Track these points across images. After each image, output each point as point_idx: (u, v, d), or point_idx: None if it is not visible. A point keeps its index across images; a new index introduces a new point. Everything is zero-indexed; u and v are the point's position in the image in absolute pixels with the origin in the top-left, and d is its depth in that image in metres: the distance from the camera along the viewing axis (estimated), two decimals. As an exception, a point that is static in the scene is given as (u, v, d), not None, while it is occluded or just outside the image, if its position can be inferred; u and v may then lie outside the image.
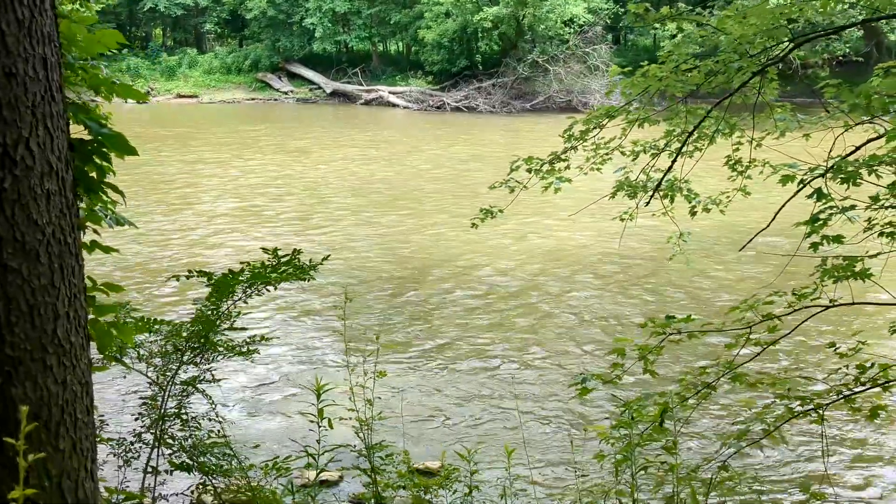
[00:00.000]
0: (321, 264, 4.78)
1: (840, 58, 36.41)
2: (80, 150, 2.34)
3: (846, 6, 5.50)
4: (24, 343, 2.04)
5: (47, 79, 2.11)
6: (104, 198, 2.54)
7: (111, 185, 2.53)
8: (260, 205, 17.46)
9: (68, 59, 2.49)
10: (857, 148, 4.57)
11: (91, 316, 2.51)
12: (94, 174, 2.40)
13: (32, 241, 2.06)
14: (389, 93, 42.52)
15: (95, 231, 2.60)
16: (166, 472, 4.46)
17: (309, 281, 4.70)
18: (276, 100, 45.51)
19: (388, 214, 16.45)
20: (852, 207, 4.35)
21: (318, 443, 4.13)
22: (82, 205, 2.75)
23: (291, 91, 46.23)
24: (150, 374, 4.54)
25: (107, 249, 2.72)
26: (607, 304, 10.78)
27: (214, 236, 14.67)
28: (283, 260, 4.60)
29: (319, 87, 45.90)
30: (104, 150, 2.42)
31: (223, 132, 31.21)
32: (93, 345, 2.46)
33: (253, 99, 45.60)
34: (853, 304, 4.52)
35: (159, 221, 15.60)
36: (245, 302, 4.73)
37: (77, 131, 2.37)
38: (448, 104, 39.97)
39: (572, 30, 39.57)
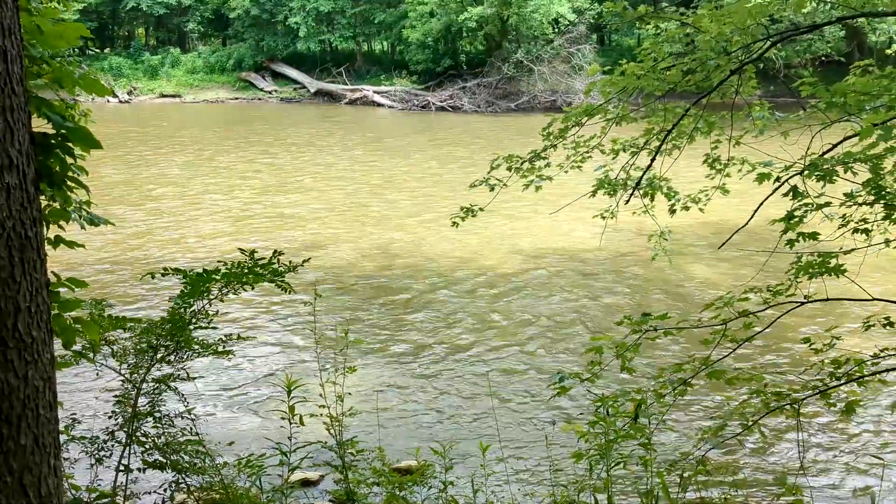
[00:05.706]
0: (301, 266, 4.74)
1: (823, 58, 36.67)
2: (43, 144, 2.30)
3: (827, 5, 5.51)
4: (-18, 337, 2.01)
5: (7, 71, 2.07)
6: (68, 194, 2.50)
7: (75, 180, 2.50)
8: (245, 202, 17.39)
9: (31, 52, 2.46)
10: (834, 146, 4.58)
11: (55, 311, 2.48)
12: (57, 168, 2.37)
13: (-9, 234, 2.03)
14: (374, 92, 42.42)
15: (60, 226, 2.56)
16: (139, 470, 4.43)
17: (289, 293, 4.61)
18: (259, 99, 45.33)
19: (371, 214, 16.41)
20: (827, 204, 4.37)
21: (290, 439, 4.11)
22: (56, 204, 2.72)
23: (275, 90, 46.05)
24: (122, 372, 4.49)
25: (71, 244, 2.68)
26: (587, 302, 10.79)
27: (194, 235, 14.59)
28: (259, 262, 4.54)
29: (303, 87, 45.75)
30: (68, 144, 2.38)
31: (198, 131, 31.07)
32: (57, 341, 2.43)
33: (236, 98, 45.43)
34: (827, 300, 4.53)
35: (140, 218, 15.51)
36: (221, 301, 4.69)
37: (40, 125, 2.33)
38: (433, 104, 39.94)
39: (557, 30, 39.64)
